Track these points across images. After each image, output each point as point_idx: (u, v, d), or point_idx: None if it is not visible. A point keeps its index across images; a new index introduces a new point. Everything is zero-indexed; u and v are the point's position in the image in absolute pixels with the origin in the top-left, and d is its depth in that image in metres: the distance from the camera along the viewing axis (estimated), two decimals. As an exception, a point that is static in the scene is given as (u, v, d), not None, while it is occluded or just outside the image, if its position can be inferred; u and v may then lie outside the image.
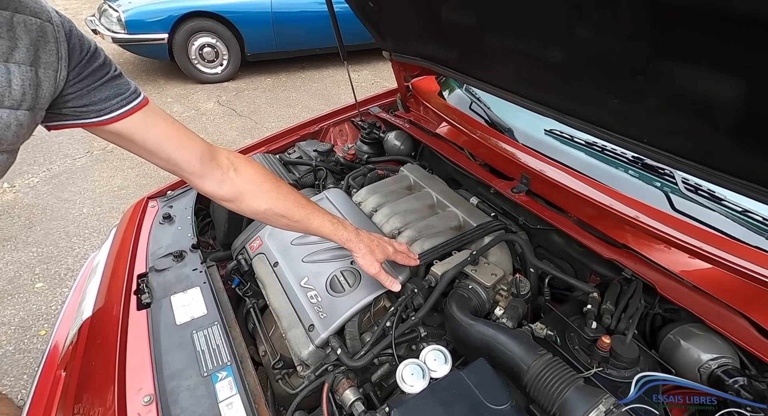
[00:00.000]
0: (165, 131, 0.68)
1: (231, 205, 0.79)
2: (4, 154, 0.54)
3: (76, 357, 0.90)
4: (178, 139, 0.69)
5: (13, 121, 0.51)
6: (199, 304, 0.95)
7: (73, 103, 0.58)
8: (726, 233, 0.80)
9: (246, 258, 1.12)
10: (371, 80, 5.46)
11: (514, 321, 0.78)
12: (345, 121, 1.72)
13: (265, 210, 0.79)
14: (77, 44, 0.57)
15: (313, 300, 0.91)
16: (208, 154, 0.73)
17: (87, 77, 0.58)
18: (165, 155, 0.69)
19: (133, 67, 5.10)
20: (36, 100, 0.53)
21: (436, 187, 1.22)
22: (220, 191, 0.76)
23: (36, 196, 2.69)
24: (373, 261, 0.84)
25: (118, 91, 0.62)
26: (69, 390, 0.83)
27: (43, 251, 2.24)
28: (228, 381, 0.78)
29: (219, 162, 0.75)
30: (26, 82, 0.51)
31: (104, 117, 0.61)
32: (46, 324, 1.83)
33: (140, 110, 0.64)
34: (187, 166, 0.71)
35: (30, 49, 0.52)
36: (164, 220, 1.23)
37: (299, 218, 0.81)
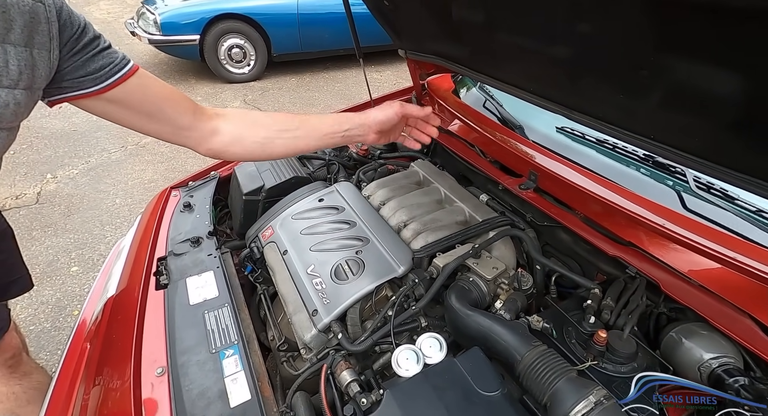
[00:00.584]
0: (160, 90, 0.71)
1: (232, 149, 0.80)
2: (4, 131, 0.57)
3: (100, 332, 0.98)
4: (172, 96, 0.72)
5: (11, 99, 0.54)
6: (211, 287, 1.01)
7: (69, 75, 0.61)
8: (738, 233, 0.77)
9: (258, 246, 1.18)
10: (393, 81, 5.50)
11: (512, 313, 0.78)
12: (360, 118, 1.75)
13: (265, 138, 0.81)
14: (67, 22, 0.59)
15: (318, 287, 0.95)
16: (197, 108, 0.77)
17: (79, 51, 0.61)
18: (163, 115, 0.71)
19: (167, 67, 5.35)
20: (32, 79, 0.56)
21: (444, 183, 1.23)
22: (216, 139, 0.78)
23: (75, 187, 2.88)
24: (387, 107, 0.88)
25: (110, 60, 0.64)
26: (92, 361, 0.91)
27: (79, 238, 2.40)
28: (234, 359, 0.83)
29: (206, 113, 0.78)
30: (22, 63, 0.54)
31: (102, 84, 0.63)
32: (79, 304, 1.97)
33: (134, 75, 0.66)
34: (183, 121, 0.73)
35: (24, 31, 0.54)
36: (184, 208, 1.31)
37: (299, 123, 0.83)
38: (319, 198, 1.22)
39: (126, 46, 5.98)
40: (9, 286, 1.25)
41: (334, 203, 1.19)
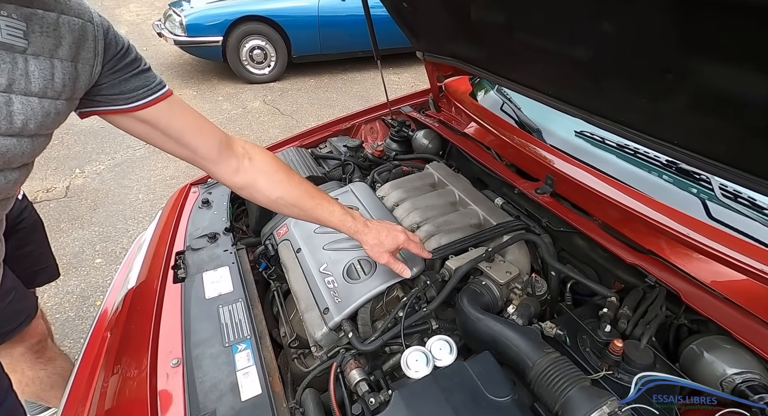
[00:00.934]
0: (187, 119, 0.73)
1: (244, 192, 0.83)
2: (42, 137, 0.62)
3: (120, 322, 1.01)
4: (199, 127, 0.74)
5: (53, 109, 0.58)
6: (226, 282, 1.03)
7: (105, 91, 0.65)
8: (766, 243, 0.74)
9: (273, 243, 1.19)
10: (411, 83, 5.50)
11: (525, 318, 0.77)
12: (376, 118, 1.76)
13: (277, 199, 0.82)
14: (113, 41, 0.64)
15: (330, 286, 0.95)
16: (225, 143, 0.78)
17: (120, 70, 0.65)
18: (185, 142, 0.73)
19: (191, 67, 5.51)
20: (73, 91, 0.60)
21: (459, 185, 1.22)
22: (235, 178, 0.80)
23: (101, 182, 3.00)
24: (381, 252, 0.86)
25: (146, 82, 0.67)
26: (111, 349, 0.94)
27: (104, 231, 2.49)
28: (246, 353, 0.84)
29: (235, 150, 0.79)
30: (66, 76, 0.58)
31: (133, 104, 0.66)
32: (102, 295, 2.04)
33: (165, 99, 0.69)
34: (205, 153, 0.75)
35: (72, 47, 0.58)
36: (203, 205, 1.34)
37: (309, 207, 0.85)
38: (334, 197, 1.23)
39: (153, 47, 6.19)
40: (37, 274, 1.31)
41: (349, 203, 1.20)
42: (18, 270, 1.16)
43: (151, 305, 0.98)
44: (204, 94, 4.78)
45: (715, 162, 0.67)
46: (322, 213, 0.86)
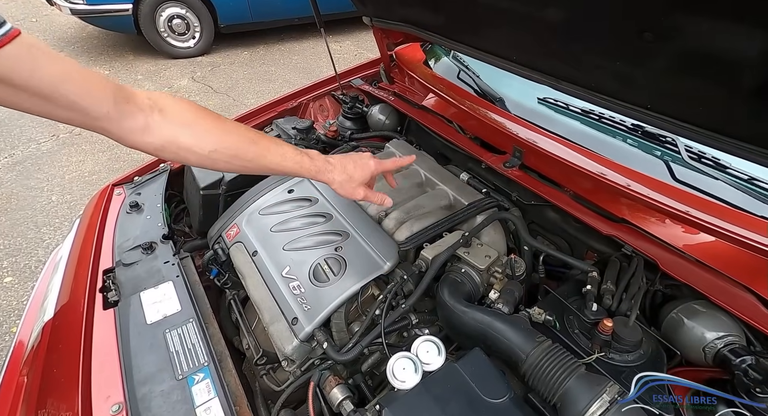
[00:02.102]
0: (59, 67, 0.52)
1: (166, 153, 0.64)
2: None
3: (38, 362, 0.83)
4: (79, 77, 0.53)
5: None
6: (172, 300, 0.88)
7: None
8: (731, 203, 0.75)
9: (223, 247, 1.05)
10: (354, 51, 5.21)
11: (510, 306, 0.73)
12: (325, 95, 1.60)
13: (210, 153, 0.65)
14: None
15: (296, 291, 0.85)
16: (122, 96, 0.58)
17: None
18: (65, 99, 0.53)
19: (98, 41, 4.74)
20: None
21: (424, 164, 1.14)
22: (147, 138, 0.61)
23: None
24: (354, 188, 0.76)
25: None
26: (30, 397, 0.77)
27: (11, 243, 2.11)
28: (206, 384, 0.73)
29: (138, 103, 0.60)
30: None
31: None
32: (18, 320, 1.74)
33: (14, 41, 0.48)
34: (97, 110, 0.56)
35: None
36: (131, 209, 1.14)
37: (253, 156, 0.68)
38: (289, 188, 1.09)
39: (45, 17, 5.22)
40: None
41: (306, 194, 1.07)
42: None
43: (77, 338, 0.81)
44: (119, 72, 4.16)
45: (691, 126, 0.65)
46: (272, 158, 0.70)
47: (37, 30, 4.94)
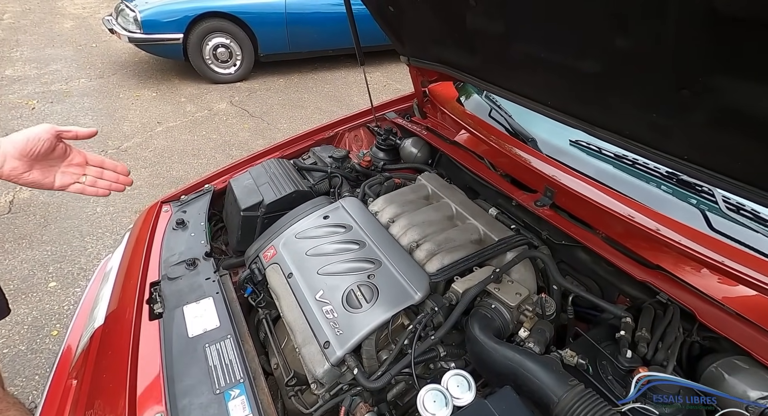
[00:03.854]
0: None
1: None
2: None
3: (87, 366, 0.89)
4: None
5: None
6: (211, 316, 0.93)
7: None
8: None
9: (260, 267, 1.10)
10: (383, 82, 5.44)
11: (541, 345, 0.74)
12: (360, 126, 1.69)
13: None
14: None
15: (329, 316, 0.88)
16: None
17: None
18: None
19: (148, 66, 5.15)
20: None
21: (455, 198, 1.18)
22: None
23: (51, 194, 2.71)
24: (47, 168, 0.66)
25: None
26: (79, 401, 0.82)
27: (57, 250, 2.25)
28: (241, 400, 0.76)
29: None
30: None
31: None
32: (59, 324, 1.84)
33: None
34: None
35: None
36: (177, 226, 1.22)
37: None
38: (324, 215, 1.15)
39: (104, 43, 5.74)
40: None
41: (341, 221, 1.13)
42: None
43: (125, 347, 0.86)
44: (165, 95, 4.48)
45: (730, 179, 0.67)
46: None
47: (96, 54, 5.42)
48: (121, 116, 3.91)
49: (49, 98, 4.10)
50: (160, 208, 1.30)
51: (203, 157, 3.37)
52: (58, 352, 1.04)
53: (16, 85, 4.31)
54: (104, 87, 4.50)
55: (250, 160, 1.49)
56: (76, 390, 0.86)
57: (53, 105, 3.97)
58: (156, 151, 3.38)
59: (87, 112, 3.89)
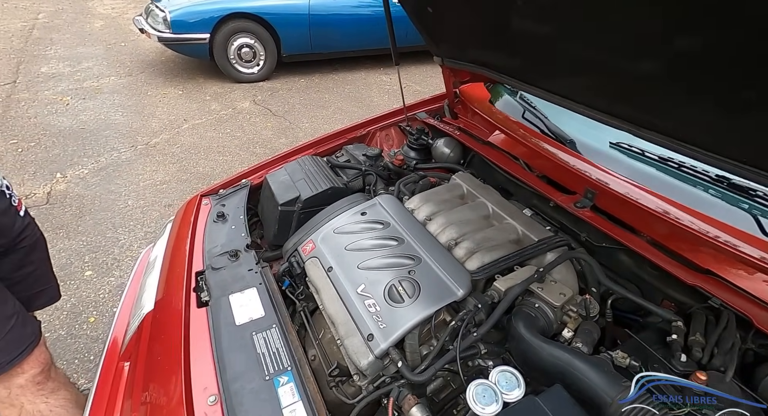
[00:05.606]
0: None
1: None
2: None
3: (140, 350, 0.92)
4: None
5: None
6: (256, 305, 0.96)
7: None
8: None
9: (298, 260, 1.13)
10: (403, 83, 5.44)
11: (589, 346, 0.74)
12: (392, 125, 1.71)
13: None
14: None
15: (372, 309, 0.90)
16: None
17: None
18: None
19: (174, 65, 5.29)
20: None
21: (491, 198, 1.19)
22: None
23: (86, 187, 2.82)
24: None
25: None
26: (136, 381, 0.86)
27: (92, 240, 2.34)
28: (290, 387, 0.78)
29: None
30: None
31: None
32: (95, 311, 1.91)
33: None
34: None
35: None
36: (218, 219, 1.26)
37: None
38: (362, 211, 1.17)
39: (132, 42, 5.92)
40: (37, 297, 1.20)
41: (378, 217, 1.14)
42: (17, 292, 1.06)
43: (176, 332, 0.90)
44: (190, 93, 4.59)
45: (790, 184, 0.66)
46: None
47: (125, 52, 5.59)
48: (149, 113, 4.02)
49: (81, 95, 4.25)
50: (200, 201, 1.34)
51: (228, 154, 3.44)
52: (107, 336, 1.09)
53: (51, 81, 4.49)
54: (133, 84, 4.64)
55: (284, 157, 1.52)
56: (130, 372, 0.90)
57: (85, 101, 4.12)
58: (183, 147, 3.47)
59: (117, 109, 4.02)
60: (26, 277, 1.12)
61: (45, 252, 1.19)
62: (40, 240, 1.17)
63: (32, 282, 1.15)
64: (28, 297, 1.14)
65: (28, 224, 1.10)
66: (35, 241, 1.12)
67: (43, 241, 1.19)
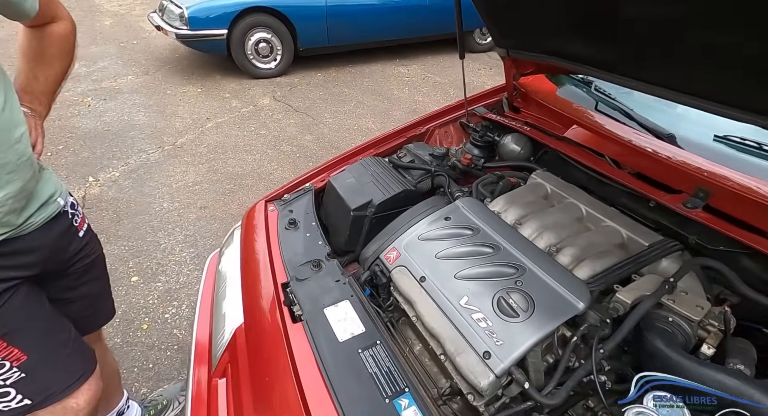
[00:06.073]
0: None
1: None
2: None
3: (239, 368, 0.88)
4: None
5: None
6: (354, 320, 0.91)
7: None
8: None
9: (382, 269, 1.07)
10: (421, 75, 5.35)
11: (752, 367, 0.68)
12: (450, 122, 1.64)
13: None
14: None
15: (482, 324, 0.84)
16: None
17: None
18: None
19: (189, 63, 5.22)
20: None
21: (581, 198, 1.12)
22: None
23: (119, 190, 2.79)
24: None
25: None
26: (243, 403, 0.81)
27: (133, 245, 2.32)
28: (413, 410, 0.73)
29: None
30: None
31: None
32: (147, 318, 1.89)
33: None
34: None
35: None
36: (290, 226, 1.21)
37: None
38: (445, 216, 1.11)
39: (143, 40, 5.85)
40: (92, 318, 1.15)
41: (465, 222, 1.08)
42: (71, 313, 1.02)
43: (278, 351, 0.85)
44: (210, 90, 4.53)
45: None
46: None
47: (138, 50, 5.53)
48: (171, 112, 3.98)
49: (101, 95, 4.21)
50: (266, 208, 1.29)
51: (255, 152, 3.39)
52: (190, 353, 1.05)
53: (70, 82, 4.44)
54: (151, 84, 4.59)
55: (345, 159, 1.46)
56: (233, 392, 0.86)
57: (106, 102, 4.08)
58: (209, 146, 3.43)
59: (139, 109, 3.98)
60: (81, 298, 1.07)
61: (103, 270, 1.14)
62: (99, 260, 1.12)
63: (87, 304, 1.10)
64: (84, 318, 1.09)
65: (86, 244, 1.05)
66: (93, 260, 1.07)
67: (102, 260, 1.14)
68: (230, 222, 2.56)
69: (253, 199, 2.81)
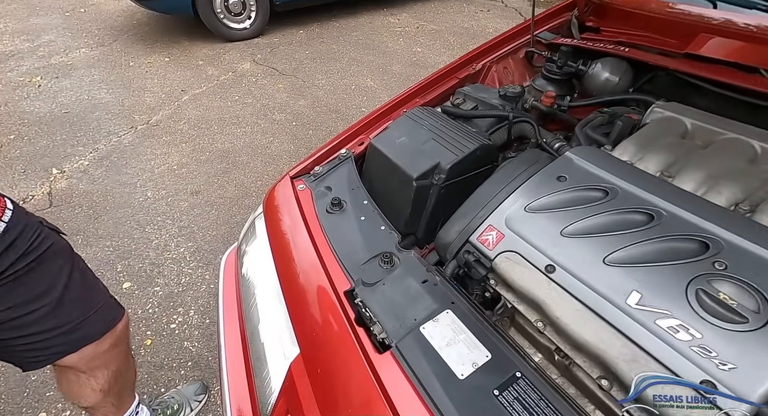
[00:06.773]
0: None
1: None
2: None
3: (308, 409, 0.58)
4: None
5: None
6: (470, 341, 0.60)
7: None
8: None
9: (479, 258, 0.76)
10: (414, 24, 4.82)
11: None
12: (509, 54, 1.26)
13: None
14: None
15: (682, 337, 0.55)
16: None
17: None
18: None
19: (150, 28, 4.56)
20: None
21: (746, 131, 0.80)
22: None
23: (91, 182, 2.37)
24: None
25: None
26: None
27: (119, 245, 1.95)
28: None
29: None
30: None
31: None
32: (149, 331, 1.57)
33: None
34: None
35: None
36: (333, 208, 0.87)
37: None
38: (557, 175, 0.78)
39: (91, 7, 5.09)
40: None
41: (590, 181, 0.76)
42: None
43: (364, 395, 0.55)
44: (179, 58, 3.96)
45: None
46: None
47: (87, 20, 4.81)
48: (138, 87, 3.44)
49: (53, 73, 3.62)
50: (294, 186, 0.94)
51: (245, 124, 2.96)
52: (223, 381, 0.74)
53: (12, 60, 3.81)
54: (109, 56, 3.98)
55: (385, 113, 1.10)
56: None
57: (60, 80, 3.50)
58: (190, 122, 2.97)
59: (100, 86, 3.43)
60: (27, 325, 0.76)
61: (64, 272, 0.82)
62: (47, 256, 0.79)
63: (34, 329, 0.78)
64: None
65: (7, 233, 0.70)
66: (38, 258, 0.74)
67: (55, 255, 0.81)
68: (230, 208, 2.19)
69: (251, 177, 2.43)
